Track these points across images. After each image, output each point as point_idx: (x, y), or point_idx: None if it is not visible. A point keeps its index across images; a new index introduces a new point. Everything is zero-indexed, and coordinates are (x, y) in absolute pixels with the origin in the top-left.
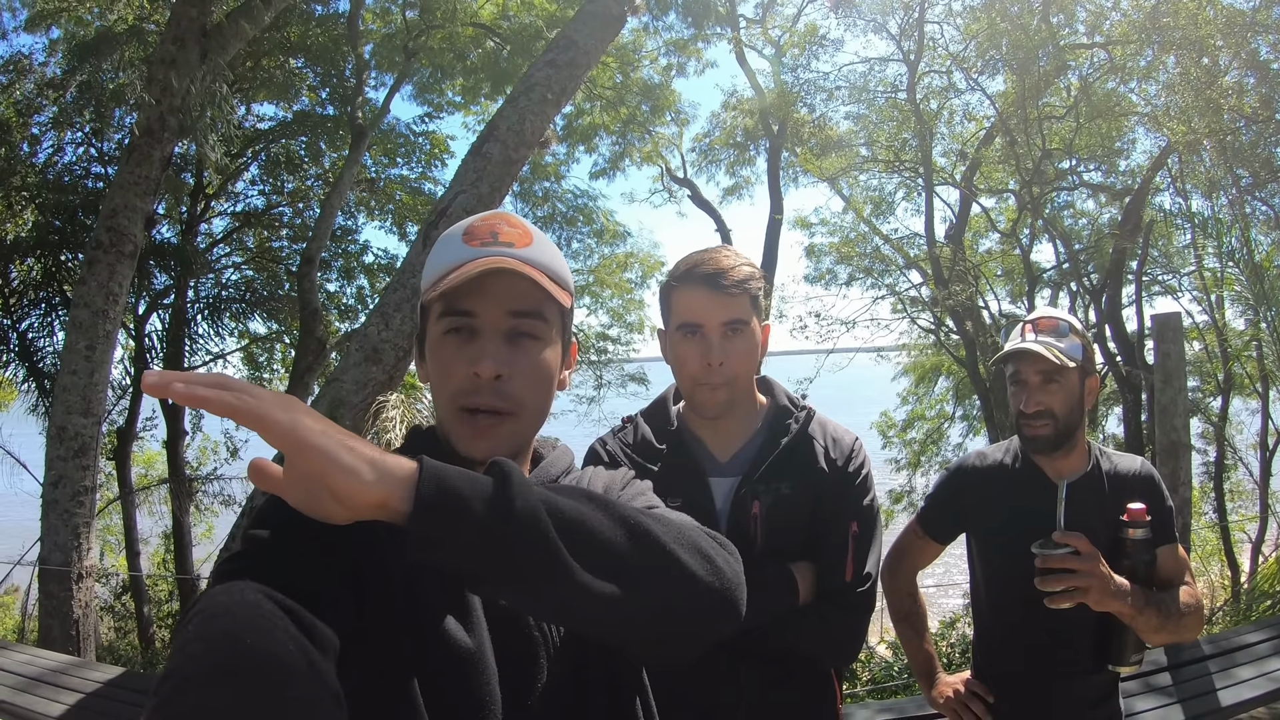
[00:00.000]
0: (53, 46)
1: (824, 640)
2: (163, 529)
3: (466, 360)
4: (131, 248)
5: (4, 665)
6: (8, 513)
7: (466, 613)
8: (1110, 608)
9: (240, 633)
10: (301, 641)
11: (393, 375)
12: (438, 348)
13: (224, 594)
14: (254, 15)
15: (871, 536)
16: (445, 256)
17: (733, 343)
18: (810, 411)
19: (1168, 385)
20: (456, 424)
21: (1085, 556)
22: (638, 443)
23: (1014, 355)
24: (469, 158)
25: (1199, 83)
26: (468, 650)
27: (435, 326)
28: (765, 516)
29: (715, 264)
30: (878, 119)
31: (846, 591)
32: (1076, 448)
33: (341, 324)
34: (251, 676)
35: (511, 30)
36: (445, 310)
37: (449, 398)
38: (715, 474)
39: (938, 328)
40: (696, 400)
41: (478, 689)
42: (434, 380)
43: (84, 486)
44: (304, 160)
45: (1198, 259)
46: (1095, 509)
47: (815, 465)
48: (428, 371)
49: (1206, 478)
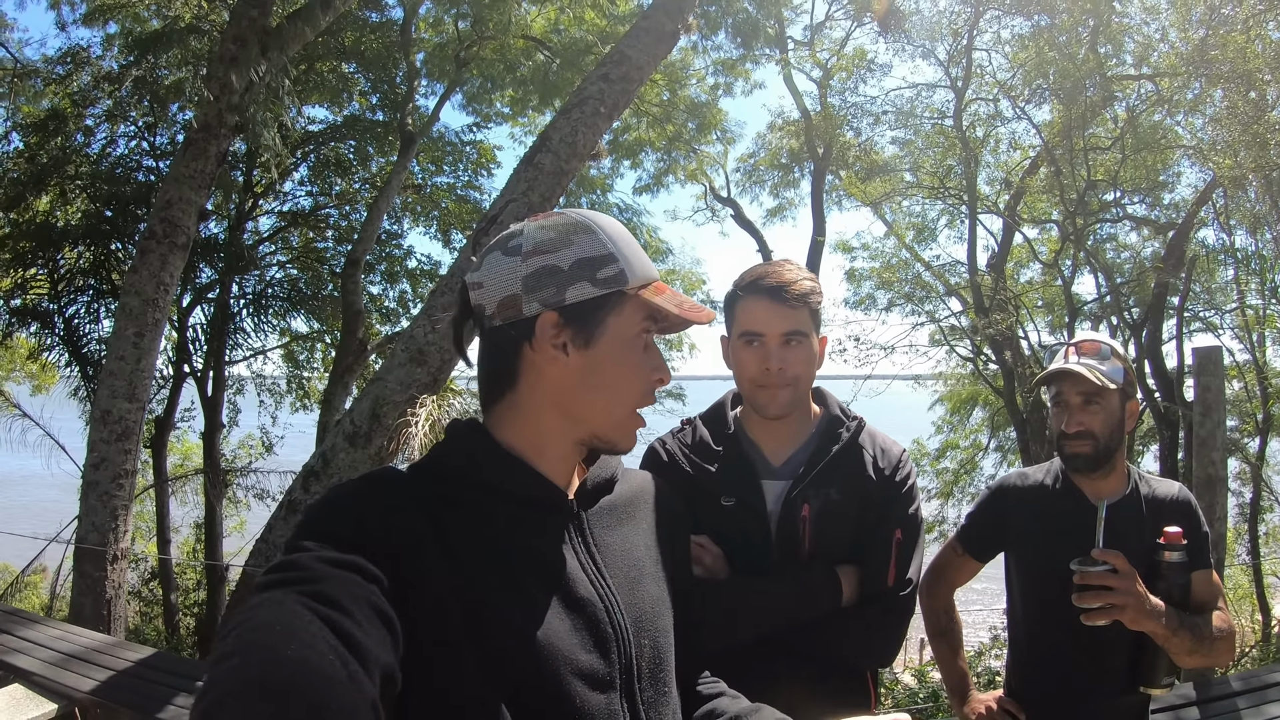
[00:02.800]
0: (109, 41)
1: (865, 640)
2: (194, 519)
3: (653, 367)
4: (184, 239)
5: (39, 640)
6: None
7: (537, 606)
8: (1145, 627)
9: (281, 644)
10: (341, 652)
11: (436, 377)
12: (632, 345)
13: (265, 605)
14: (312, 19)
15: (914, 544)
16: (649, 264)
17: (792, 352)
18: (861, 422)
19: (1207, 418)
20: (632, 420)
21: (1123, 575)
22: (695, 443)
23: (1056, 376)
24: (521, 167)
25: (1246, 117)
26: (540, 646)
27: (635, 326)
28: (814, 520)
29: (779, 277)
30: (923, 145)
31: (888, 595)
32: (1116, 470)
33: (383, 327)
34: (291, 688)
35: (562, 44)
36: (651, 317)
37: (638, 396)
38: (768, 476)
39: (976, 356)
40: (758, 402)
41: (554, 683)
42: (619, 375)
43: (125, 470)
44: (353, 163)
45: (1240, 296)
46: (1133, 531)
47: (864, 473)
48: (595, 359)
49: (1241, 519)
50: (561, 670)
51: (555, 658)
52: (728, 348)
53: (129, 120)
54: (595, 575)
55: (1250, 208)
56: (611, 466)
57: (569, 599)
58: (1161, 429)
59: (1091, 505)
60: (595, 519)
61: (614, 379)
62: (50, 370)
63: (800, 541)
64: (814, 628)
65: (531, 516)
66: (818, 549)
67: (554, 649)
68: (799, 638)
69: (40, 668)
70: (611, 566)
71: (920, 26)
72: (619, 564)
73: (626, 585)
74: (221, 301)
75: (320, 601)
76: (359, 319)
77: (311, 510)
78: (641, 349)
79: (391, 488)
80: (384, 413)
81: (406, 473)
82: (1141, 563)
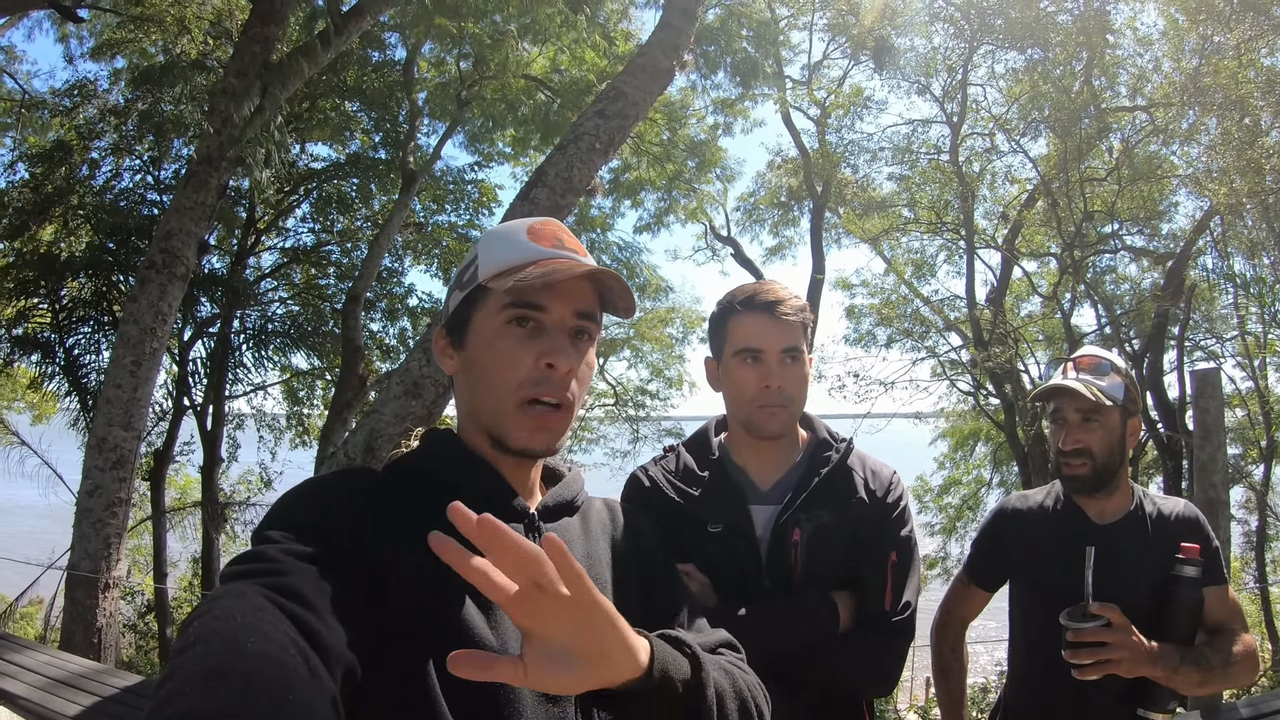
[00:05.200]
0: (116, 75)
1: (865, 665)
2: (191, 553)
3: (536, 353)
4: (184, 270)
5: (27, 665)
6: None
7: (490, 609)
8: (1143, 674)
9: (241, 635)
10: (303, 646)
11: (431, 410)
12: (498, 336)
13: (228, 596)
14: (314, 55)
15: (910, 566)
16: (510, 250)
17: (790, 369)
18: (850, 443)
19: (1207, 442)
20: (517, 415)
21: (1117, 628)
22: (679, 470)
23: (1053, 392)
24: (517, 202)
25: (1240, 143)
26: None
27: (496, 315)
28: (805, 544)
29: (773, 293)
30: (920, 180)
31: (886, 620)
32: (1119, 489)
33: (383, 364)
34: (251, 679)
35: (562, 84)
36: (515, 302)
37: (512, 388)
38: (756, 501)
39: (977, 390)
40: (756, 422)
41: (502, 687)
42: (489, 367)
43: (119, 498)
44: (354, 201)
45: (1240, 322)
46: (1137, 551)
47: (855, 495)
48: (470, 357)
49: (1247, 546)
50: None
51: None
52: (716, 370)
53: (134, 154)
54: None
55: (1247, 234)
56: (573, 490)
57: None
58: (1165, 459)
59: (1094, 525)
60: (558, 534)
61: (487, 370)
62: (50, 400)
63: (792, 566)
64: (810, 654)
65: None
66: (810, 574)
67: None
68: (795, 665)
69: (27, 692)
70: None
71: (915, 62)
72: None
73: None
74: (222, 336)
75: (284, 595)
76: (359, 355)
77: (280, 501)
78: (520, 336)
79: (361, 482)
80: (378, 445)
81: (378, 471)
82: (1148, 581)
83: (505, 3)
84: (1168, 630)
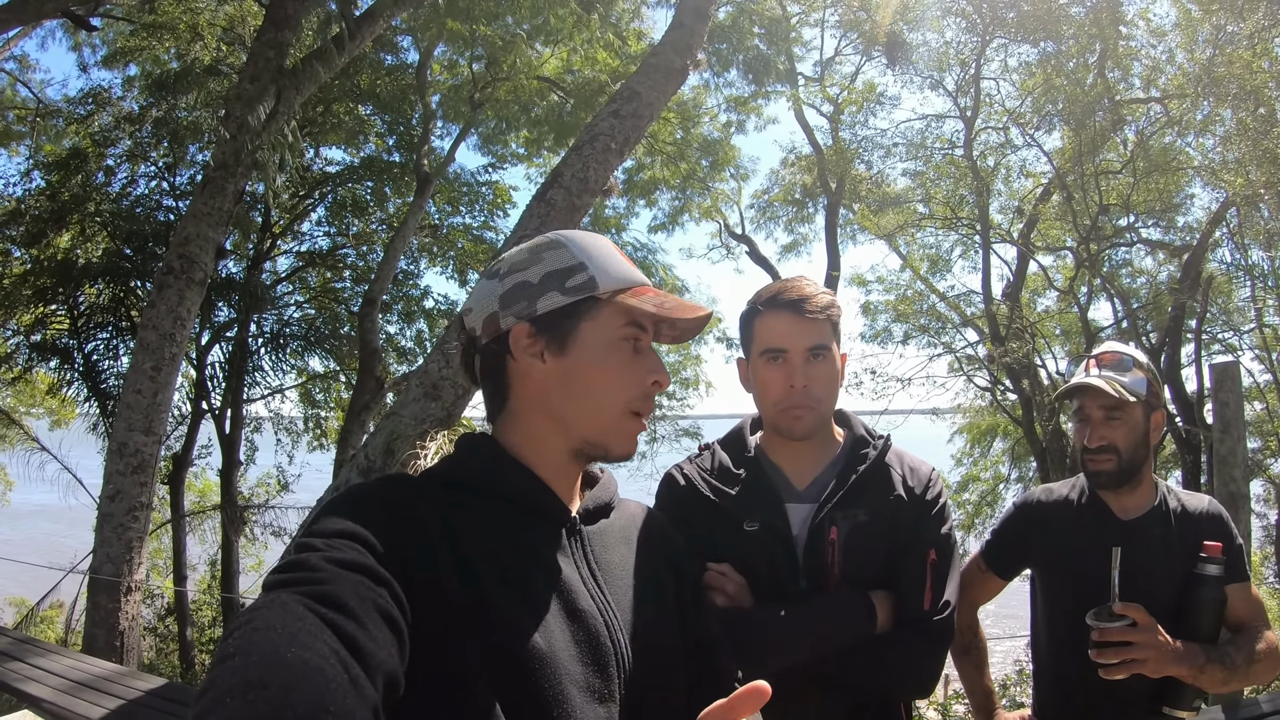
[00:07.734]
0: (130, 83)
1: (904, 667)
2: (210, 556)
3: (646, 370)
4: (201, 275)
5: (52, 668)
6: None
7: (539, 612)
8: (1169, 673)
9: (283, 645)
10: (344, 655)
11: (450, 412)
12: (612, 350)
13: (268, 607)
14: (328, 60)
15: (949, 565)
16: (621, 268)
17: (816, 368)
18: (887, 441)
19: (1226, 435)
20: (626, 423)
21: (1143, 628)
22: (715, 468)
23: (1076, 390)
24: (533, 203)
25: (1255, 133)
26: (541, 652)
27: (613, 329)
28: (843, 543)
29: (798, 291)
30: (935, 176)
31: (926, 620)
32: (1142, 484)
33: (399, 366)
34: (291, 689)
35: (575, 85)
36: (634, 322)
37: (623, 401)
38: (792, 499)
39: (994, 385)
40: (782, 425)
41: (551, 688)
42: (598, 379)
43: (140, 502)
44: (369, 204)
45: (1258, 315)
46: (1160, 546)
47: (893, 493)
48: (571, 365)
49: (1266, 540)
50: (561, 678)
51: (554, 664)
52: (747, 370)
53: (149, 160)
54: (595, 590)
55: (1264, 226)
56: (610, 492)
57: (569, 609)
58: (1184, 453)
59: (1119, 521)
60: (594, 538)
61: (595, 382)
62: (69, 405)
63: (829, 566)
64: (848, 656)
65: (535, 524)
66: (847, 573)
67: (553, 656)
68: (832, 667)
69: (51, 695)
70: (611, 584)
71: (928, 57)
72: (618, 583)
73: (625, 604)
74: (240, 340)
75: (325, 604)
76: (375, 358)
77: (323, 508)
78: (629, 352)
79: (402, 489)
80: (398, 447)
81: (418, 478)
82: (1171, 579)
83: (517, 4)
84: (1192, 629)
